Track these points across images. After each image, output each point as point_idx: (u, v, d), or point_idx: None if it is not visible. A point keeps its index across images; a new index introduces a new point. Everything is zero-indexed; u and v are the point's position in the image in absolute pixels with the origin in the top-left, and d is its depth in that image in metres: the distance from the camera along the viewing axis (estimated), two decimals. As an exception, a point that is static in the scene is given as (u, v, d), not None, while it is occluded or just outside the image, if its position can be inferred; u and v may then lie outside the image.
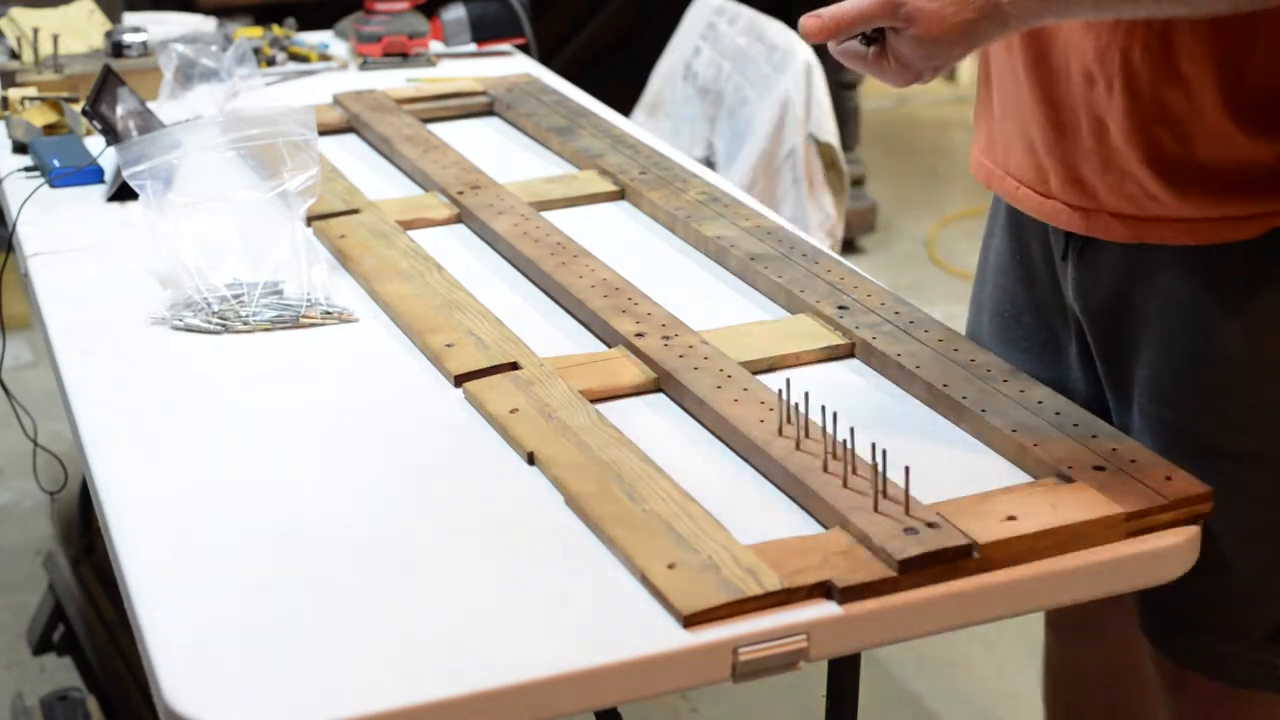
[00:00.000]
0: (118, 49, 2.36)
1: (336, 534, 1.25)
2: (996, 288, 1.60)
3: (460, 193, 1.89)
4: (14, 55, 2.47)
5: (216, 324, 1.59)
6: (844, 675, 1.41)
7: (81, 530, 2.79)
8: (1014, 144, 1.49)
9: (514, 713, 1.09)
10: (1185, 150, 1.35)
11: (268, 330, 1.58)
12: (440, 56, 2.59)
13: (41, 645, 2.64)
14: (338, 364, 1.54)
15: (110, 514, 1.29)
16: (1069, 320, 1.51)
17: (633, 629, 1.13)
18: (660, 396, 1.47)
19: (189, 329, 1.58)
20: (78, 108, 2.09)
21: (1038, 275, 1.54)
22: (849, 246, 4.15)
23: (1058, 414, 1.36)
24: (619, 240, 1.81)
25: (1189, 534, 1.25)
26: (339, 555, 1.22)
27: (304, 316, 1.60)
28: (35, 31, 2.40)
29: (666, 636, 1.12)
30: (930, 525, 1.20)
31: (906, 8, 1.25)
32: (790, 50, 2.79)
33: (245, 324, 1.59)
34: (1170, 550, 1.25)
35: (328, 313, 1.61)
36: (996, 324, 1.61)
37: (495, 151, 2.13)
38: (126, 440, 1.39)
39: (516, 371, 1.47)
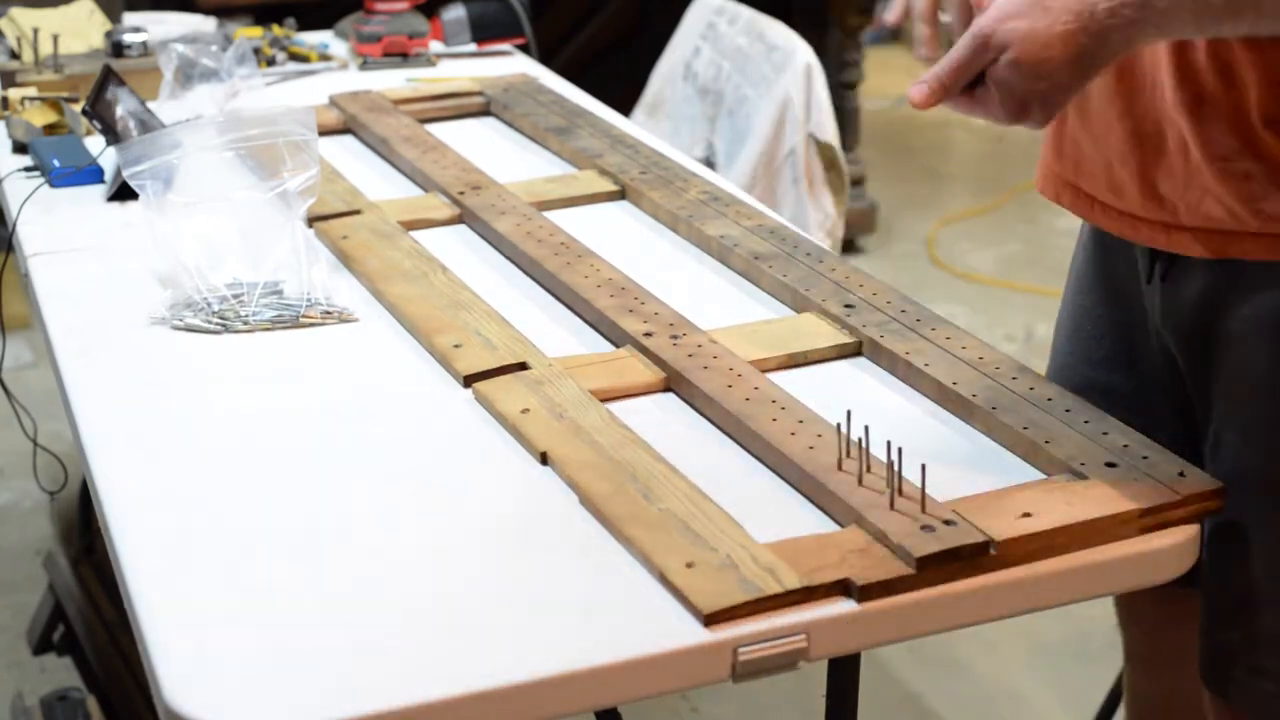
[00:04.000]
0: (118, 49, 2.36)
1: (339, 533, 1.24)
2: (1077, 306, 1.56)
3: (461, 193, 1.88)
4: (14, 55, 2.46)
5: (216, 324, 1.58)
6: (844, 675, 1.39)
7: (81, 530, 2.78)
8: (1090, 157, 1.44)
9: (514, 713, 1.07)
10: (1260, 165, 1.30)
11: (268, 330, 1.57)
12: (440, 56, 2.58)
13: (41, 645, 2.63)
14: (339, 364, 1.53)
15: (110, 514, 1.27)
16: (1151, 340, 1.47)
17: (632, 629, 1.12)
18: (670, 396, 1.45)
19: (189, 329, 1.57)
20: (78, 108, 2.08)
21: (1121, 296, 1.50)
22: (849, 246, 4.15)
23: (1068, 411, 1.35)
24: (621, 240, 1.80)
25: (1194, 531, 1.24)
26: (341, 555, 1.21)
27: (304, 316, 1.59)
28: (35, 31, 2.39)
29: (666, 637, 1.11)
30: (947, 523, 1.19)
31: (998, 35, 1.19)
32: (790, 50, 2.77)
33: (245, 324, 1.58)
34: (1179, 548, 1.23)
35: (328, 312, 1.60)
36: (1075, 342, 1.57)
37: (494, 152, 2.12)
38: (126, 440, 1.38)
39: (526, 372, 1.46)
